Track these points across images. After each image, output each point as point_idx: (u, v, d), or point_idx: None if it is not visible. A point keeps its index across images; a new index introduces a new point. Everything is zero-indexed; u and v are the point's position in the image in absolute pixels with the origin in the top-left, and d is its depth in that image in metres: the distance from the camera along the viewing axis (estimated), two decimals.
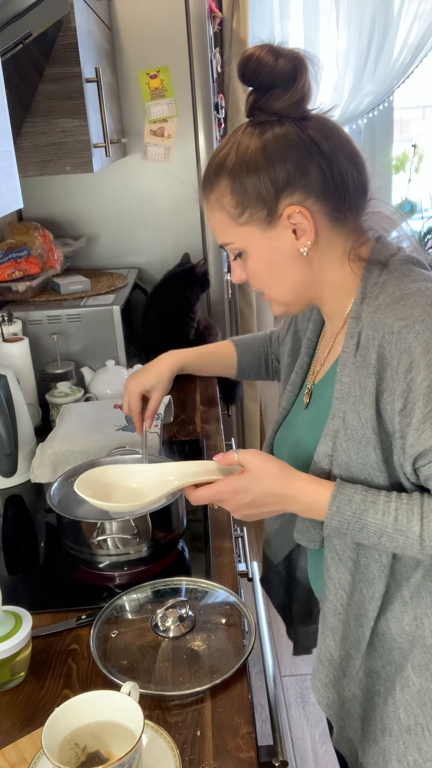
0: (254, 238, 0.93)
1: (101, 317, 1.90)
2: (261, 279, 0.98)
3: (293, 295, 0.98)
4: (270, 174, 0.89)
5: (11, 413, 1.44)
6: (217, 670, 0.97)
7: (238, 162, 0.90)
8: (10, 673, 0.98)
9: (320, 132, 0.90)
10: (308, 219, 0.90)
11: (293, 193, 0.89)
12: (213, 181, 0.94)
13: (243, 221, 0.92)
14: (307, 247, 0.92)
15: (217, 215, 0.95)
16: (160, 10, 2.16)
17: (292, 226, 0.91)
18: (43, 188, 2.31)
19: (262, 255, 0.95)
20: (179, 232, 2.38)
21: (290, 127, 0.90)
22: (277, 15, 2.76)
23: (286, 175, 0.89)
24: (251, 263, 0.96)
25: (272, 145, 0.89)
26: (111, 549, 1.18)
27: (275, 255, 0.94)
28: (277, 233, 0.92)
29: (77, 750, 0.80)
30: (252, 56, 0.88)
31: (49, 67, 1.55)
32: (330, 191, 0.90)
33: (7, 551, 1.35)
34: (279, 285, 0.97)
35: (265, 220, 0.91)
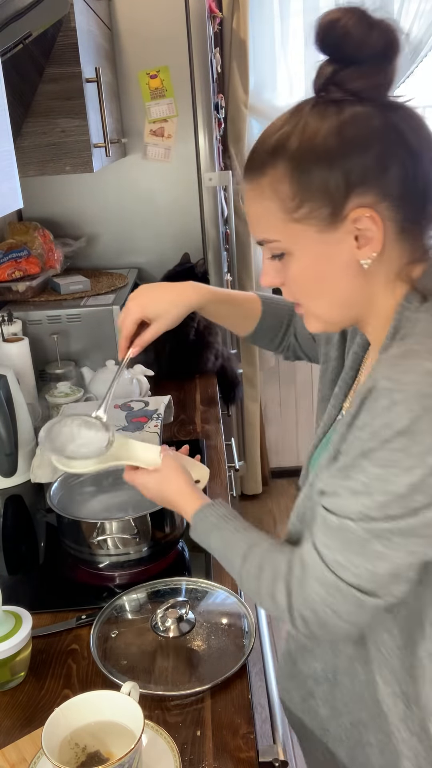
0: (307, 240, 0.77)
1: (101, 317, 1.90)
2: (304, 289, 0.82)
3: (338, 314, 0.83)
4: (344, 164, 0.73)
5: (11, 413, 1.44)
6: (217, 670, 0.97)
7: (304, 144, 0.74)
8: (10, 673, 0.98)
9: (408, 125, 0.75)
10: (378, 226, 0.75)
11: (366, 192, 0.74)
12: (266, 163, 0.77)
13: (298, 217, 0.76)
14: (371, 259, 0.77)
15: (266, 205, 0.78)
16: (160, 10, 2.16)
17: (356, 232, 0.76)
18: (43, 188, 2.31)
19: (312, 260, 0.79)
20: (179, 232, 2.38)
21: (373, 110, 0.74)
22: (277, 15, 2.76)
23: (363, 169, 0.73)
24: (295, 268, 0.80)
25: (351, 129, 0.73)
26: (111, 549, 1.18)
27: (328, 263, 0.78)
28: (336, 237, 0.76)
29: (77, 750, 0.80)
30: (338, 22, 0.71)
31: (49, 67, 1.55)
32: (409, 196, 0.75)
33: (7, 551, 1.35)
34: (324, 299, 0.82)
35: (325, 220, 0.75)
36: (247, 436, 3.17)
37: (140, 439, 1.47)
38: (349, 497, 0.72)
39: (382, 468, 0.69)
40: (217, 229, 2.40)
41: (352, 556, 0.72)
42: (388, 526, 0.70)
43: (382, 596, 0.74)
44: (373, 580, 0.72)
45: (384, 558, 0.71)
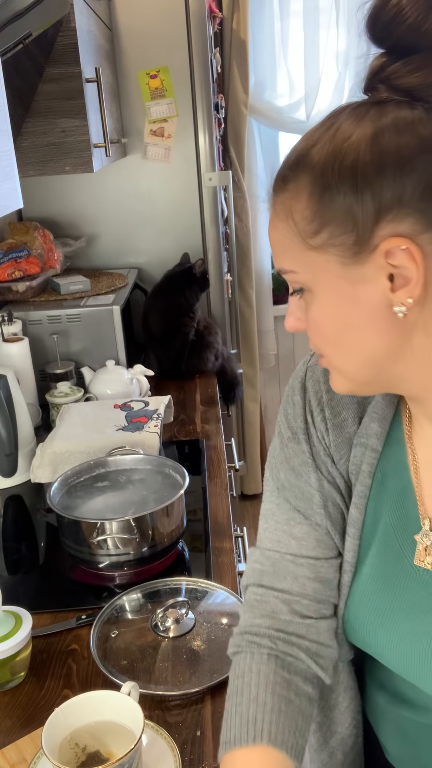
0: (328, 274, 0.61)
1: (101, 317, 1.90)
2: (326, 337, 0.65)
3: (371, 373, 0.65)
4: (376, 182, 0.57)
5: (11, 413, 1.44)
6: (217, 670, 0.97)
7: (330, 155, 0.58)
8: (10, 673, 0.98)
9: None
10: (417, 263, 0.57)
11: (403, 218, 0.57)
12: (288, 176, 0.62)
13: (317, 243, 0.60)
14: (406, 306, 0.59)
15: (282, 227, 0.63)
16: (160, 10, 2.16)
17: (390, 269, 0.59)
18: (43, 188, 2.31)
19: (334, 301, 0.62)
20: (179, 232, 2.38)
21: (425, 115, 0.57)
22: (277, 15, 2.76)
23: (400, 189, 0.57)
24: (316, 310, 0.64)
25: (390, 139, 0.57)
26: (111, 549, 1.18)
27: (353, 306, 0.61)
28: (363, 274, 0.60)
29: (77, 750, 0.80)
30: (388, 3, 0.56)
31: (49, 67, 1.55)
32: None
33: (7, 551, 1.35)
34: (351, 352, 0.64)
35: (350, 250, 0.59)
36: (247, 436, 3.17)
37: (141, 438, 1.47)
38: None
39: None
40: (217, 229, 2.40)
41: None
42: None
43: None
44: None
45: None
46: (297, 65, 2.83)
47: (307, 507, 0.77)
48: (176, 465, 1.33)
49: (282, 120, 2.88)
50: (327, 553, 0.77)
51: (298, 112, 2.87)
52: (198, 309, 2.17)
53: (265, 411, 3.33)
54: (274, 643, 0.75)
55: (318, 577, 0.76)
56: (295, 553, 0.77)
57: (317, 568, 0.76)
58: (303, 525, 0.77)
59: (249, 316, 2.99)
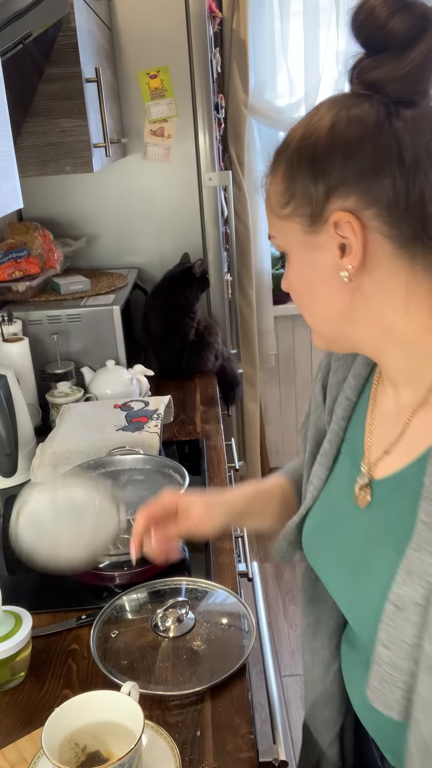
0: (295, 240, 0.73)
1: (101, 317, 1.90)
2: (296, 296, 0.77)
3: (331, 330, 0.76)
4: (326, 173, 0.68)
5: (11, 413, 1.44)
6: (217, 670, 0.97)
7: (299, 147, 0.70)
8: (10, 673, 0.98)
9: (416, 127, 0.66)
10: (357, 234, 0.67)
11: (348, 196, 0.67)
12: (274, 159, 0.74)
13: (286, 214, 0.72)
14: (348, 271, 0.69)
15: (266, 202, 0.76)
16: (160, 10, 2.16)
17: (340, 239, 0.69)
18: (43, 188, 2.32)
19: (301, 264, 0.74)
20: (179, 232, 2.38)
21: (376, 110, 0.66)
22: (277, 15, 2.76)
23: (345, 173, 0.67)
24: (290, 272, 0.77)
25: (341, 129, 0.67)
26: (111, 549, 1.18)
27: (313, 269, 0.73)
28: (319, 242, 0.70)
29: (77, 750, 0.80)
30: (365, 4, 0.65)
31: (49, 67, 1.56)
32: (401, 210, 0.66)
33: (7, 551, 1.35)
34: (313, 309, 0.76)
35: (308, 220, 0.70)
36: (247, 436, 3.17)
37: (141, 438, 1.47)
38: None
39: None
40: (217, 229, 2.40)
41: None
42: None
43: None
44: None
45: None
46: (297, 65, 2.83)
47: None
48: (176, 465, 1.33)
49: (282, 120, 2.88)
50: None
51: (298, 112, 2.87)
52: (198, 309, 2.17)
53: (265, 411, 3.33)
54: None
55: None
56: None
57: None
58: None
59: (249, 316, 2.99)
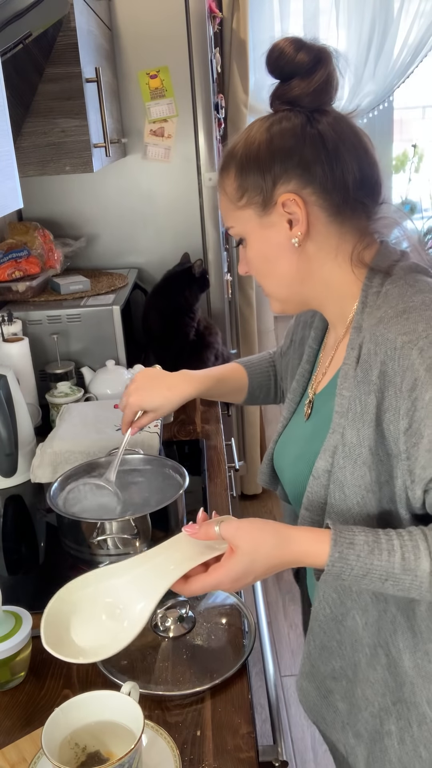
0: (251, 224, 0.93)
1: (101, 317, 1.90)
2: (256, 269, 0.98)
3: (286, 291, 0.97)
4: (271, 167, 0.90)
5: (11, 413, 1.44)
6: (217, 670, 0.97)
7: (244, 153, 0.92)
8: (10, 673, 0.98)
9: (332, 127, 0.89)
10: (301, 208, 0.89)
11: (290, 181, 0.89)
12: (224, 166, 0.96)
13: (242, 204, 0.93)
14: (298, 237, 0.91)
15: (223, 197, 0.96)
16: (160, 10, 2.16)
17: (287, 216, 0.90)
18: (43, 188, 2.31)
19: (258, 243, 0.94)
20: (179, 232, 2.38)
21: (300, 119, 0.90)
22: (277, 15, 2.76)
23: (286, 168, 0.89)
24: (249, 251, 0.97)
25: (278, 141, 0.90)
26: (111, 549, 1.18)
27: (269, 244, 0.93)
28: (271, 221, 0.92)
29: (77, 750, 0.80)
30: (276, 46, 0.90)
31: (49, 67, 1.55)
32: (329, 186, 0.89)
33: (7, 551, 1.35)
34: (272, 277, 0.97)
35: (261, 206, 0.91)
36: (247, 436, 3.17)
37: (141, 438, 1.47)
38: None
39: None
40: (217, 229, 2.40)
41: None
42: None
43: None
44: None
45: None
46: None
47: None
48: (176, 465, 1.33)
49: None
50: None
51: None
52: (198, 309, 2.17)
53: (265, 411, 3.33)
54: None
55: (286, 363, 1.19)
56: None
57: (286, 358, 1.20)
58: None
59: (249, 316, 2.99)
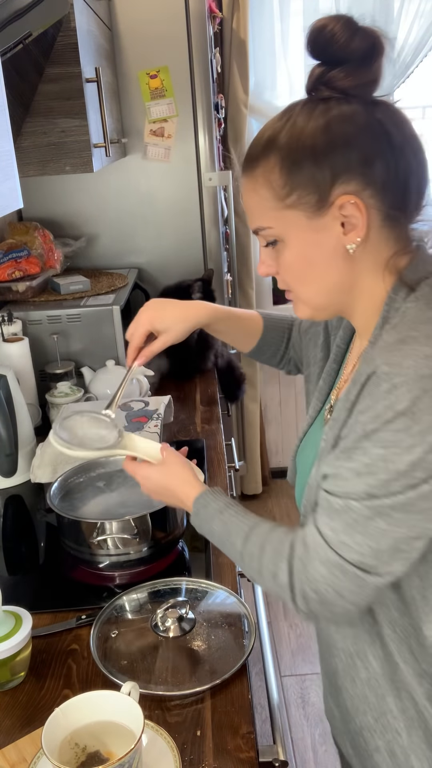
0: (297, 226, 0.82)
1: (101, 317, 1.90)
2: (294, 274, 0.87)
3: (326, 299, 0.88)
4: (330, 160, 0.78)
5: (11, 413, 1.44)
6: (217, 670, 0.97)
7: (294, 140, 0.80)
8: (10, 673, 0.98)
9: (390, 119, 0.80)
10: (362, 212, 0.79)
11: (350, 180, 0.79)
12: (260, 156, 0.83)
13: (289, 203, 0.81)
14: (356, 244, 0.81)
15: (261, 193, 0.83)
16: (160, 10, 2.16)
17: (342, 218, 0.80)
18: (43, 188, 2.31)
19: (302, 246, 0.83)
20: (179, 232, 2.38)
21: (357, 108, 0.79)
22: (277, 15, 2.76)
23: (348, 161, 0.78)
24: (287, 254, 0.85)
25: (337, 126, 0.78)
26: (111, 549, 1.18)
27: (316, 249, 0.83)
28: (323, 224, 0.81)
29: (77, 750, 0.80)
30: (325, 28, 0.79)
31: (49, 67, 1.55)
32: (390, 186, 0.80)
33: (7, 551, 1.35)
34: (313, 284, 0.86)
35: (313, 207, 0.80)
36: (247, 436, 3.17)
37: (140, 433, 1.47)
38: (353, 478, 0.75)
39: (384, 448, 0.73)
40: (217, 229, 2.40)
41: (355, 535, 0.75)
42: (390, 503, 0.73)
43: (383, 574, 0.76)
44: (375, 557, 0.75)
45: (386, 535, 0.74)
46: (297, 65, 2.83)
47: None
48: None
49: None
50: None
51: None
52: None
53: (265, 411, 3.33)
54: None
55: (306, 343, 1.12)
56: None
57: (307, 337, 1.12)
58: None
59: None
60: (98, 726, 0.82)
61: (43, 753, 0.78)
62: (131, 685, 0.85)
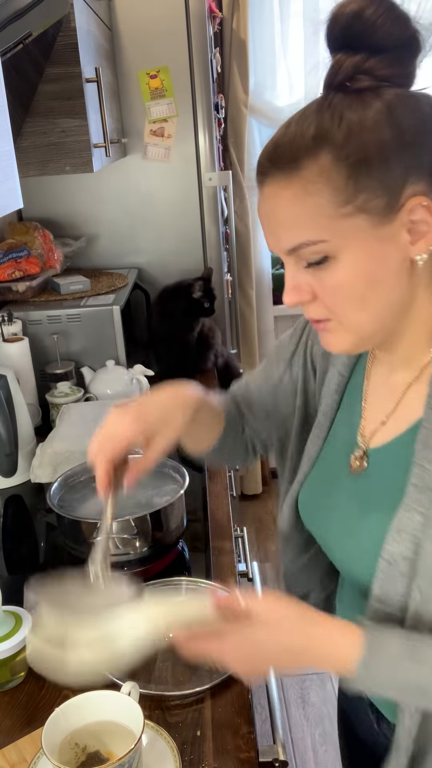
0: (359, 236, 0.67)
1: (101, 317, 1.90)
2: (348, 297, 0.70)
3: (380, 325, 0.72)
4: (399, 156, 0.66)
5: (11, 413, 1.44)
6: (217, 670, 0.97)
7: (354, 134, 0.66)
8: (10, 673, 0.98)
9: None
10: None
11: (419, 180, 0.67)
12: (303, 156, 0.67)
13: (350, 211, 0.66)
14: (426, 254, 0.69)
15: (311, 199, 0.67)
16: (160, 10, 2.16)
17: (409, 225, 0.68)
18: (43, 188, 2.31)
19: (364, 261, 0.68)
20: (179, 232, 2.38)
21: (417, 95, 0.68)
22: (277, 15, 2.76)
23: (418, 159, 0.66)
24: (341, 273, 0.69)
25: (403, 118, 0.66)
26: (111, 549, 1.18)
27: (381, 263, 0.68)
28: (390, 232, 0.67)
29: (77, 750, 0.80)
30: (364, 13, 0.66)
31: (49, 67, 1.55)
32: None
33: (7, 551, 1.35)
34: (371, 307, 0.71)
35: (381, 212, 0.67)
36: None
37: None
38: None
39: None
40: (217, 229, 2.40)
41: None
42: None
43: None
44: None
45: None
46: (297, 65, 2.83)
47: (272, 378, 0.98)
48: (176, 465, 1.33)
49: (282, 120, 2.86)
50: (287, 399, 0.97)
51: None
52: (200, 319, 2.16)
53: None
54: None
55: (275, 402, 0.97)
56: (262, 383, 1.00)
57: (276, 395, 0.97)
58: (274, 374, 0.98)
59: (249, 316, 2.99)
60: (98, 726, 0.82)
61: (43, 753, 0.78)
62: (131, 685, 0.85)
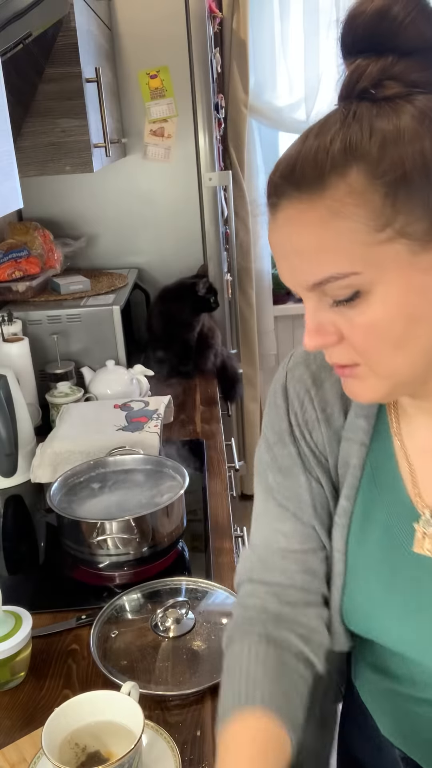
0: (396, 266, 0.58)
1: (101, 317, 1.90)
2: (383, 337, 0.60)
3: (420, 370, 0.63)
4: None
5: (11, 413, 1.44)
6: (217, 670, 0.97)
7: (390, 148, 0.56)
8: (10, 673, 0.98)
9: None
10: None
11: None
12: (329, 173, 0.58)
13: (386, 236, 0.57)
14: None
15: (342, 224, 0.58)
16: (160, 10, 2.16)
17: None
18: (43, 188, 2.32)
19: (403, 294, 0.59)
20: (179, 232, 2.39)
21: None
22: (277, 15, 2.76)
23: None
24: (376, 311, 0.59)
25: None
26: (111, 549, 1.18)
27: (422, 296, 0.59)
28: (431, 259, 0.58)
29: (77, 750, 0.80)
30: (390, 11, 0.57)
31: (49, 67, 1.56)
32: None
33: (7, 551, 1.35)
34: (410, 350, 0.61)
35: (422, 237, 0.57)
36: (247, 436, 3.16)
37: (141, 438, 1.47)
38: None
39: None
40: (217, 229, 2.40)
41: None
42: None
43: None
44: None
45: None
46: (297, 65, 2.83)
47: (296, 506, 0.79)
48: (176, 465, 1.33)
49: (282, 120, 2.88)
50: (314, 545, 0.79)
51: (298, 112, 2.87)
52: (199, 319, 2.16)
53: None
54: (265, 628, 0.76)
55: (306, 569, 0.79)
56: (284, 548, 0.79)
57: (305, 560, 0.79)
58: (291, 521, 0.79)
59: (249, 316, 2.99)
60: (98, 726, 0.82)
61: (43, 753, 0.78)
62: (131, 685, 0.85)
